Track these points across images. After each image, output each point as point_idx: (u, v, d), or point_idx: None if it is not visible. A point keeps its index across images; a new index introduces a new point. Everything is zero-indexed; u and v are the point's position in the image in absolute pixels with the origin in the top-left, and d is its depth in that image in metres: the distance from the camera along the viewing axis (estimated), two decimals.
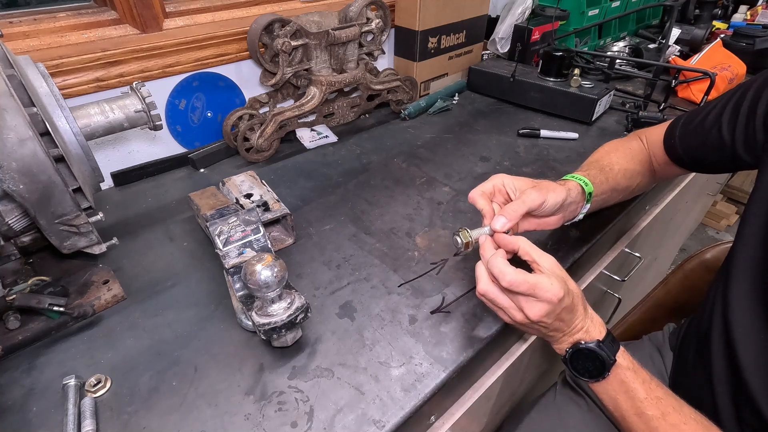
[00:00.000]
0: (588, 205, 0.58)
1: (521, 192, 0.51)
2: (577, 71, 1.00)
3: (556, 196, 0.52)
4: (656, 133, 0.64)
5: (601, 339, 0.44)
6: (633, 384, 0.43)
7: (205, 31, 0.79)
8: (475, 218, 0.70)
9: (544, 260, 0.44)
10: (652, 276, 1.42)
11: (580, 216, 0.59)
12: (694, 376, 0.58)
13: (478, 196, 0.51)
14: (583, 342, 0.45)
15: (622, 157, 0.63)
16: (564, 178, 0.58)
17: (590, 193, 0.56)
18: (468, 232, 0.49)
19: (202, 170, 0.84)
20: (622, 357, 0.44)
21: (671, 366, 0.66)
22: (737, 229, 0.50)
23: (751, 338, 0.46)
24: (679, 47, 1.29)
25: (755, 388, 0.46)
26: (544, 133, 0.94)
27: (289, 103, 0.92)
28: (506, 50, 1.20)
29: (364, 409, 0.44)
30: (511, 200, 0.52)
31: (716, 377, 0.51)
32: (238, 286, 0.52)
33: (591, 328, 0.45)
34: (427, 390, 0.45)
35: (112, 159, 0.78)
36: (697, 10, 1.45)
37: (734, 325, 0.48)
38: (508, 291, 0.43)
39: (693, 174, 1.08)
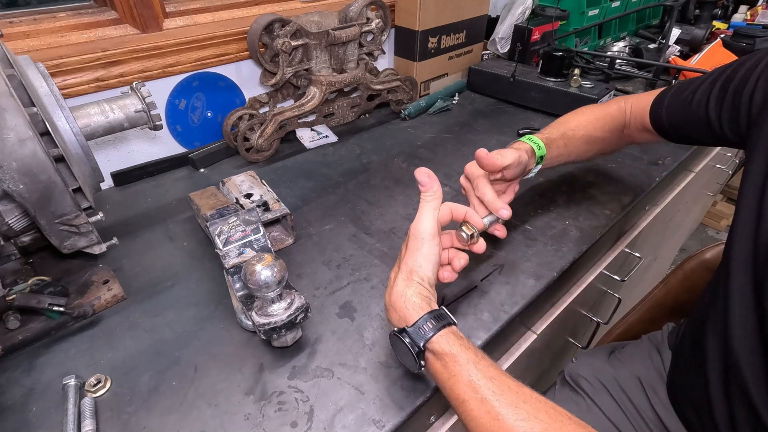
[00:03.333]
0: (539, 167, 0.61)
1: (497, 153, 0.55)
2: (577, 71, 1.00)
3: (521, 155, 0.56)
4: (643, 101, 0.65)
5: (409, 324, 0.40)
6: (452, 369, 0.38)
7: (205, 31, 0.79)
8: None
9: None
10: (652, 276, 1.42)
11: (531, 174, 0.61)
12: (689, 373, 0.58)
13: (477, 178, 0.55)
14: (395, 328, 0.41)
15: (590, 124, 0.66)
16: (521, 139, 0.61)
17: (542, 156, 0.59)
18: (470, 225, 0.48)
19: (202, 170, 0.84)
20: (442, 341, 0.39)
21: (669, 365, 0.66)
22: (731, 222, 0.50)
23: (747, 330, 0.46)
24: (679, 47, 1.29)
25: (750, 381, 0.45)
26: None
27: (289, 103, 0.92)
28: (506, 50, 1.20)
29: (364, 409, 0.44)
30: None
31: (711, 372, 0.51)
32: (238, 286, 0.52)
33: (405, 313, 0.41)
34: (427, 390, 0.45)
35: (112, 159, 0.78)
36: (697, 10, 1.45)
37: (731, 317, 0.47)
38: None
39: (693, 174, 1.08)
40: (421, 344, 0.39)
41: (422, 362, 0.40)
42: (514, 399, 0.36)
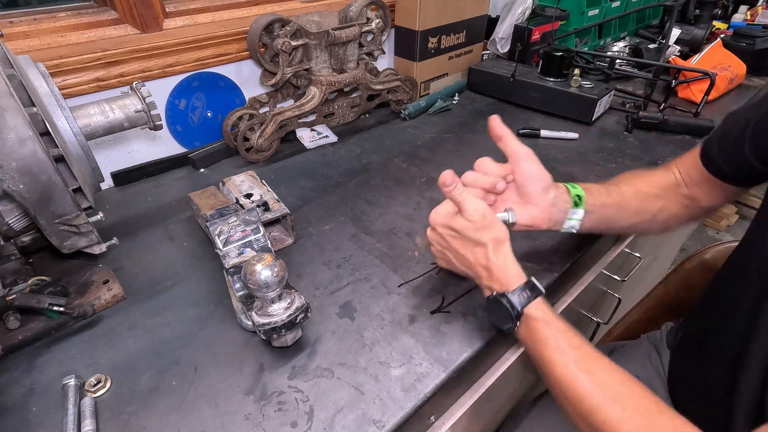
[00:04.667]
0: (580, 210, 0.53)
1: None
2: (577, 71, 1.00)
3: (543, 171, 0.53)
4: (690, 154, 0.58)
5: (510, 290, 0.45)
6: (543, 333, 0.44)
7: (205, 31, 0.79)
8: None
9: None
10: (652, 276, 1.42)
11: (574, 222, 0.54)
12: (691, 371, 0.58)
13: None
14: (494, 293, 0.46)
15: (635, 180, 0.60)
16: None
17: (578, 196, 0.54)
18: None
19: (202, 170, 0.84)
20: (537, 308, 0.45)
21: (668, 363, 0.66)
22: (749, 227, 0.49)
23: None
24: (679, 47, 1.29)
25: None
26: (544, 133, 0.94)
27: (289, 103, 0.92)
28: (506, 50, 1.20)
29: (364, 409, 0.44)
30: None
31: (719, 371, 0.51)
32: (238, 286, 0.52)
33: (506, 280, 0.46)
34: (427, 390, 0.46)
35: (112, 159, 0.78)
36: (697, 10, 1.45)
37: (752, 318, 0.47)
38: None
39: None
40: (520, 309, 0.45)
41: (518, 323, 0.46)
42: (592, 367, 0.41)
